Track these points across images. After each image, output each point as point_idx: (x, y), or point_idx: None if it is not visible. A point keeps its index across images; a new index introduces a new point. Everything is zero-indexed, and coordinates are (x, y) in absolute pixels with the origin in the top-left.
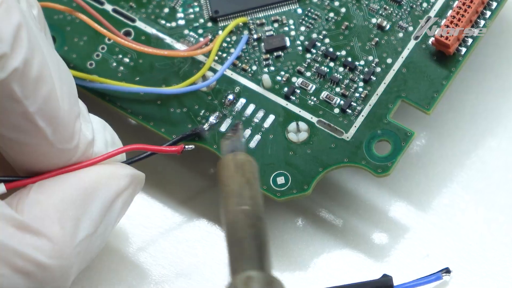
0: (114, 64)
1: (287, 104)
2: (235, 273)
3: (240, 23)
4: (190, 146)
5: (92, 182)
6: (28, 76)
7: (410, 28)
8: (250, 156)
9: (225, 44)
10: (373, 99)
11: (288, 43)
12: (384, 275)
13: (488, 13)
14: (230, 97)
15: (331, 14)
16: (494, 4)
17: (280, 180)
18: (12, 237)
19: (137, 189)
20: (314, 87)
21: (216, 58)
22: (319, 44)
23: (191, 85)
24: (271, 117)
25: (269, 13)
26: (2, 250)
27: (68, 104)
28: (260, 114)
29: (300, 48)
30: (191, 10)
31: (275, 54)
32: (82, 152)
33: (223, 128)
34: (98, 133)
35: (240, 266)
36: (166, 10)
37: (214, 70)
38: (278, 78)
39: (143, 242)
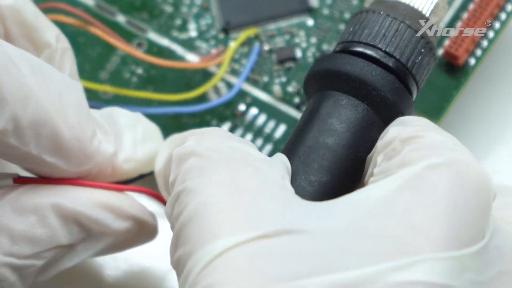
0: (128, 75)
1: (298, 115)
2: None
3: (252, 35)
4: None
5: (86, 205)
6: (21, 127)
7: None
8: None
9: (236, 56)
10: None
11: (299, 55)
12: None
13: (497, 24)
14: (242, 107)
15: (342, 26)
16: (503, 15)
17: None
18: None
19: (138, 239)
20: None
21: (228, 69)
22: None
23: (208, 103)
24: (282, 127)
25: (280, 25)
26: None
27: (78, 129)
28: (271, 124)
29: (311, 59)
30: (203, 22)
31: (286, 65)
32: (103, 166)
33: None
34: (126, 133)
35: None
36: (179, 21)
37: (225, 81)
38: (289, 88)
39: (149, 253)
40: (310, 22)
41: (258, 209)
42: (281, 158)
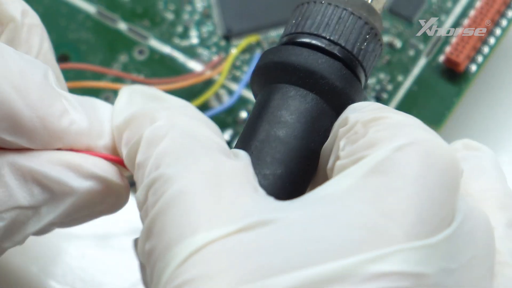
0: (129, 82)
1: None
2: None
3: (253, 42)
4: None
5: (43, 162)
6: None
7: (421, 46)
8: None
9: (238, 63)
10: None
11: None
12: None
13: (498, 31)
14: (243, 114)
15: None
16: (504, 22)
17: None
18: None
19: (105, 199)
20: None
21: (230, 76)
22: None
23: (210, 110)
24: None
25: (281, 32)
26: None
27: (41, 107)
28: None
29: None
30: (204, 29)
31: None
32: (75, 147)
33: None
34: (107, 122)
35: None
36: (180, 28)
37: (226, 88)
38: None
39: None
40: None
41: (237, 201)
42: (242, 153)
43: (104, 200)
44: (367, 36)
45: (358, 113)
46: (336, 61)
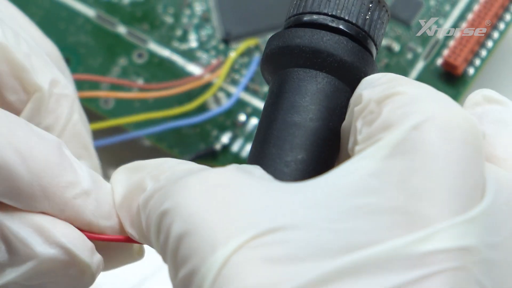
0: (126, 89)
1: None
2: None
3: (252, 45)
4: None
5: (13, 221)
6: None
7: (419, 50)
8: None
9: (237, 66)
10: None
11: None
12: None
13: (496, 34)
14: (242, 117)
15: None
16: (502, 25)
17: None
18: None
19: (66, 271)
20: None
21: (229, 79)
22: None
23: (208, 112)
24: None
25: None
26: None
27: (45, 180)
28: None
29: None
30: (203, 33)
31: None
32: (79, 213)
33: (235, 148)
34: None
35: None
36: (179, 32)
37: (225, 91)
38: None
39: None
40: None
41: (243, 207)
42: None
43: (66, 272)
44: (370, 5)
45: (371, 89)
46: (341, 36)
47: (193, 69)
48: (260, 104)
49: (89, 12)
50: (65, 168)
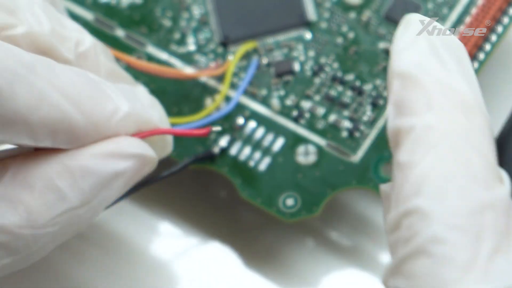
0: None
1: (296, 128)
2: None
3: (250, 48)
4: (217, 128)
5: (88, 156)
6: (35, 132)
7: None
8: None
9: (235, 70)
10: (381, 122)
11: (297, 68)
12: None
13: (494, 37)
14: (240, 121)
15: (340, 39)
16: (500, 28)
17: (290, 202)
18: None
19: (143, 171)
20: (323, 110)
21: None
22: (327, 69)
23: (207, 118)
24: (281, 141)
25: (278, 38)
26: None
27: (94, 114)
28: (270, 137)
29: (309, 72)
30: (202, 36)
31: (284, 78)
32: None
33: (233, 151)
34: (150, 111)
35: None
36: (177, 35)
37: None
38: (288, 102)
39: (157, 264)
40: (308, 35)
41: (494, 257)
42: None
43: (141, 173)
44: None
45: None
46: None
47: (192, 72)
48: (258, 107)
49: (87, 15)
50: (105, 97)
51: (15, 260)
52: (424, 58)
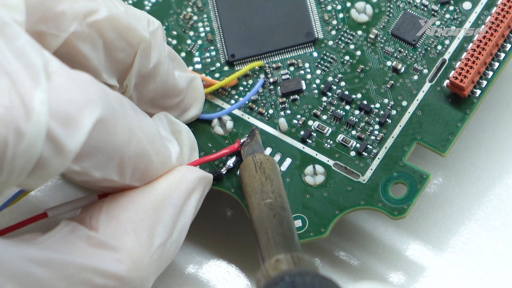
0: None
1: (303, 148)
2: (265, 260)
3: (256, 67)
4: (244, 139)
5: (163, 190)
6: (124, 166)
7: (425, 71)
8: (267, 155)
9: (241, 88)
10: (389, 142)
11: (304, 87)
12: None
13: (502, 55)
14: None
15: (347, 57)
16: (508, 46)
17: (298, 223)
18: (90, 256)
19: (205, 190)
20: (330, 130)
21: (233, 102)
22: (334, 87)
23: (208, 114)
24: (288, 161)
25: (285, 57)
26: (82, 271)
27: (163, 153)
28: (277, 157)
29: (316, 91)
30: (207, 54)
31: (291, 97)
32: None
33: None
34: (185, 139)
35: (268, 252)
36: (183, 54)
37: (231, 114)
38: (295, 121)
39: (164, 285)
40: (314, 53)
41: None
42: None
43: (205, 193)
44: None
45: None
46: None
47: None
48: (264, 126)
49: None
50: (167, 139)
51: None
52: None
